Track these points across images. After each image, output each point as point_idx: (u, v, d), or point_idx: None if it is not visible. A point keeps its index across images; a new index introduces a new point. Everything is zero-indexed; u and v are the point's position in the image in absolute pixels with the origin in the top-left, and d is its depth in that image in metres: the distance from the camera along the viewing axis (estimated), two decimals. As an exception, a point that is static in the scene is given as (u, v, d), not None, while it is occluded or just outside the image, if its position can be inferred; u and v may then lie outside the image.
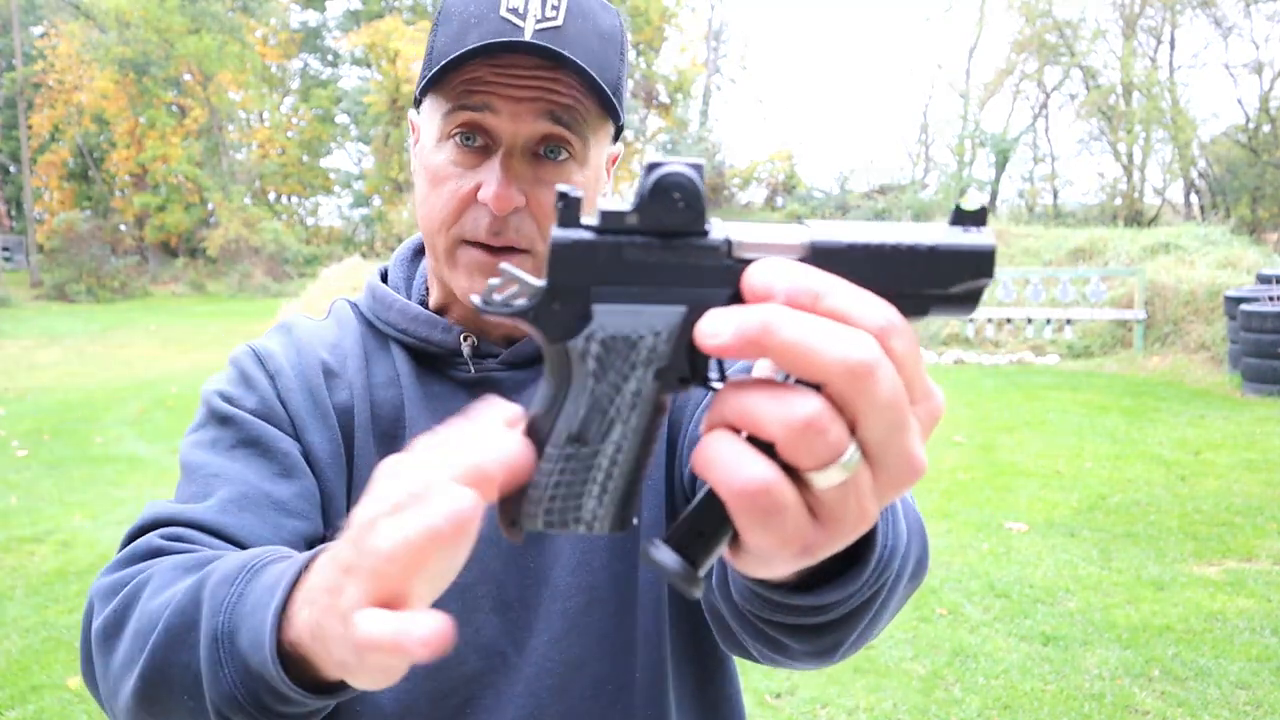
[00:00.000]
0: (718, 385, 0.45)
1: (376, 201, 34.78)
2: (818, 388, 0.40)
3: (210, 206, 32.35)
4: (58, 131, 33.60)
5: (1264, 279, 9.98)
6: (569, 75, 0.81)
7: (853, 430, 0.41)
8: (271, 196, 36.57)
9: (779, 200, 32.45)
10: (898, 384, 0.40)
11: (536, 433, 0.46)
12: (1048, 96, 30.01)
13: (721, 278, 0.44)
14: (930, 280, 0.45)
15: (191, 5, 31.05)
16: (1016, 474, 6.46)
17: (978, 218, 0.46)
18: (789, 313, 0.40)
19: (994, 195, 29.38)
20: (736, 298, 0.43)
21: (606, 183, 0.95)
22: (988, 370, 11.28)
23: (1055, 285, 12.14)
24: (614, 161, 0.95)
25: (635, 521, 0.47)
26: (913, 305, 0.45)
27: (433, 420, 0.90)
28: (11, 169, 35.90)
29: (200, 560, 0.71)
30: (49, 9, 33.84)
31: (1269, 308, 8.71)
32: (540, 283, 0.44)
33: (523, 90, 0.81)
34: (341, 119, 37.44)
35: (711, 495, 0.44)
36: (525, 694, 0.87)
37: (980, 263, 0.45)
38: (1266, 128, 26.07)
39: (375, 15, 35.13)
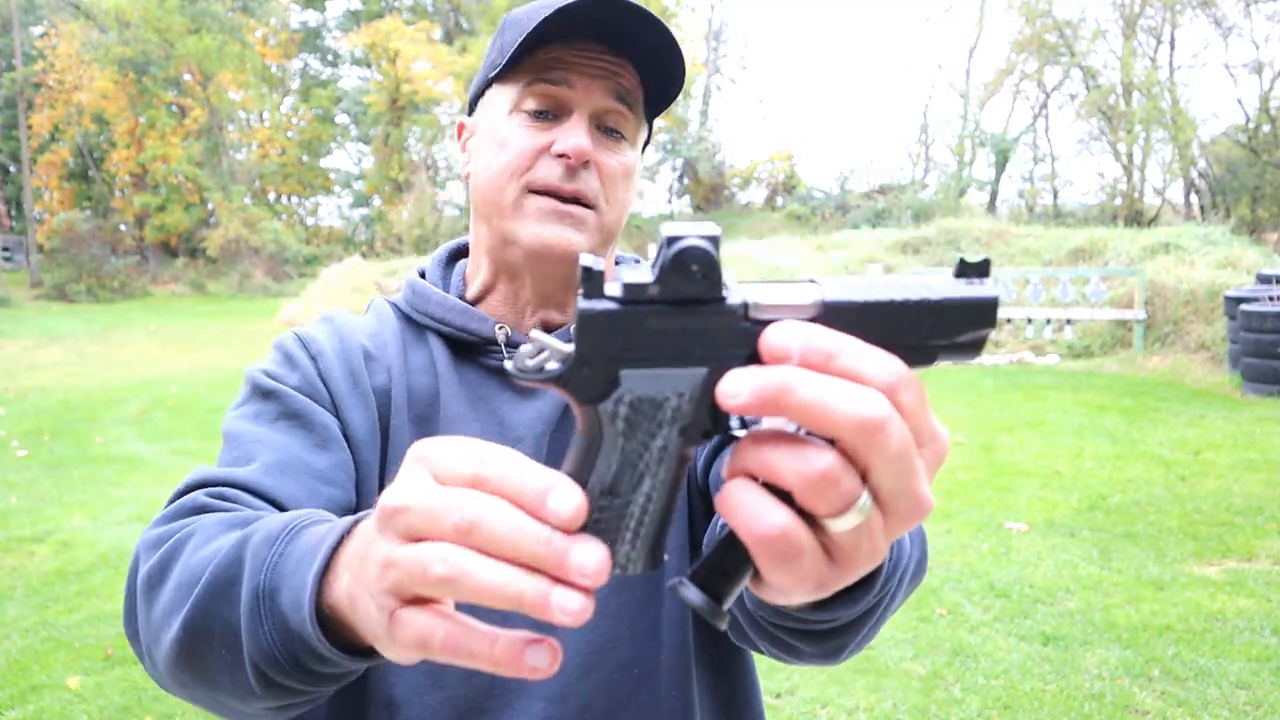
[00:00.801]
0: (740, 434, 0.48)
1: (376, 201, 34.79)
2: (831, 440, 0.43)
3: (210, 206, 32.36)
4: (58, 131, 33.61)
5: (1264, 279, 9.97)
6: (627, 64, 0.93)
7: (864, 478, 0.43)
8: (271, 196, 36.58)
9: (779, 200, 32.45)
10: (906, 435, 0.43)
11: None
12: (1048, 96, 30.02)
13: (739, 340, 0.46)
14: (937, 332, 0.48)
15: (191, 5, 31.05)
16: (1016, 474, 6.46)
17: (981, 270, 0.49)
18: (804, 374, 0.42)
19: (994, 195, 29.38)
20: (754, 357, 0.45)
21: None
22: (988, 370, 11.28)
23: (1055, 285, 12.14)
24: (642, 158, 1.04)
25: (665, 558, 0.50)
26: (920, 356, 0.48)
27: (466, 404, 0.95)
28: (11, 169, 35.91)
29: (243, 519, 0.73)
30: (49, 9, 33.83)
31: (1269, 308, 8.71)
32: (569, 349, 0.47)
33: (595, 68, 0.91)
34: (341, 119, 37.46)
35: (733, 537, 0.47)
36: (554, 674, 0.89)
37: (984, 313, 0.48)
38: (1266, 128, 26.07)
39: (375, 15, 35.15)
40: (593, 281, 0.46)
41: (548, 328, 0.98)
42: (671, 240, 0.45)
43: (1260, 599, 4.26)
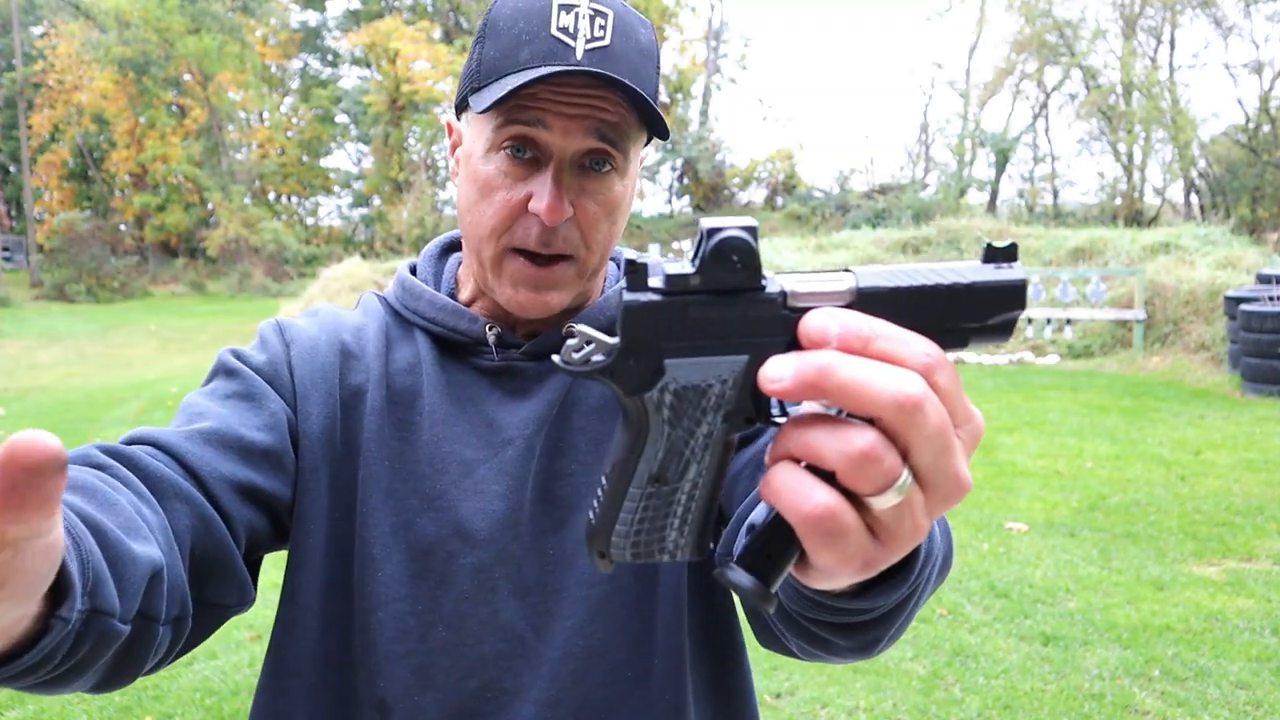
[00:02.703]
0: (780, 420, 0.49)
1: (376, 201, 34.77)
2: (871, 421, 0.44)
3: (210, 206, 32.34)
4: (58, 131, 33.60)
5: (1264, 279, 9.97)
6: (615, 93, 0.85)
7: (904, 457, 0.44)
8: (271, 196, 36.55)
9: (779, 200, 32.45)
10: (943, 414, 0.44)
11: (619, 475, 0.50)
12: (1048, 96, 30.02)
13: (778, 327, 0.48)
14: (969, 315, 0.49)
15: (191, 5, 31.03)
16: (1016, 474, 6.46)
17: (1008, 254, 0.50)
18: (843, 357, 0.44)
19: (994, 195, 29.37)
20: (793, 344, 0.47)
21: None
22: (988, 370, 11.27)
23: (1055, 285, 12.14)
24: (641, 162, 0.99)
25: (712, 547, 0.50)
26: (954, 339, 0.49)
27: (451, 404, 0.93)
28: (11, 169, 35.90)
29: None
30: (49, 9, 33.83)
31: (1269, 308, 8.71)
32: (614, 341, 0.48)
33: (574, 108, 0.85)
34: (341, 119, 37.43)
35: (779, 520, 0.48)
36: (548, 677, 0.88)
37: (1014, 296, 0.49)
38: (1266, 128, 26.07)
39: (375, 15, 35.11)
40: (636, 274, 0.48)
41: (535, 333, 0.97)
42: (711, 232, 0.47)
43: (1260, 599, 4.26)
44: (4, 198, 35.86)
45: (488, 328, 0.94)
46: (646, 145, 0.97)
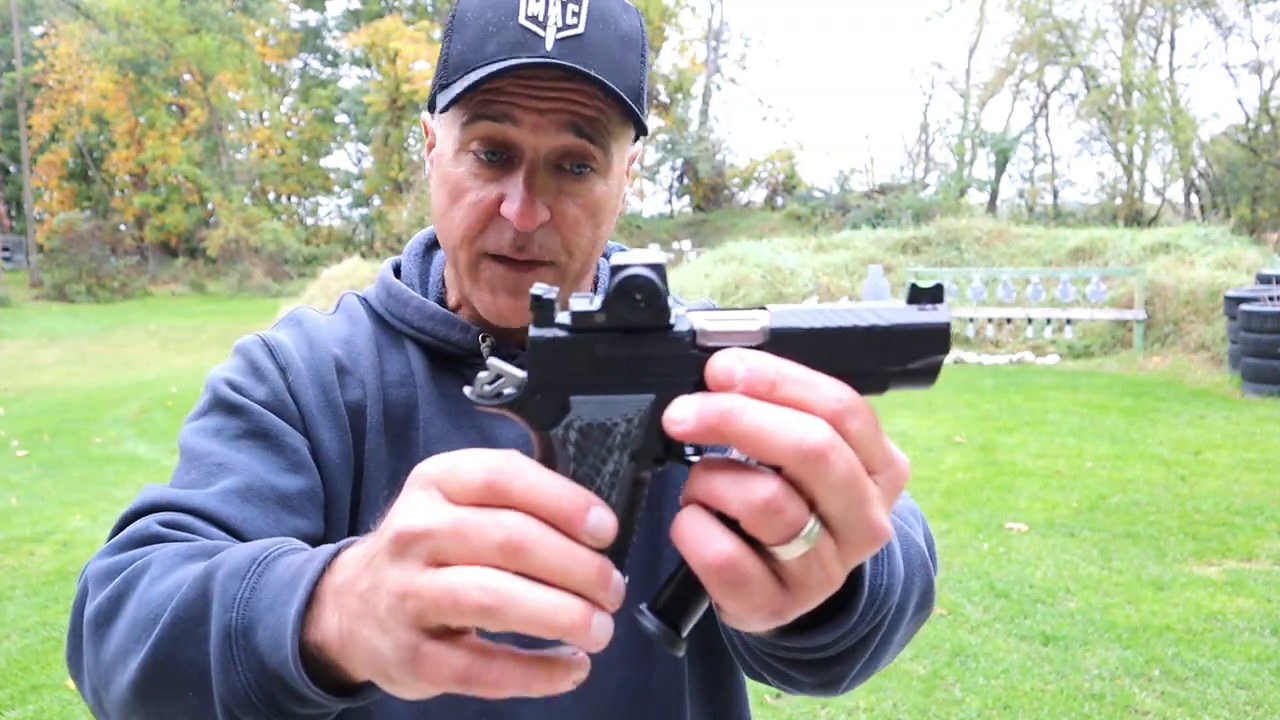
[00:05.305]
0: (694, 459, 0.48)
1: (376, 201, 34.78)
2: (778, 468, 0.43)
3: (210, 206, 32.35)
4: (58, 131, 33.59)
5: (1264, 279, 9.98)
6: (591, 85, 0.78)
7: (812, 506, 0.43)
8: (271, 196, 36.56)
9: (779, 200, 32.44)
10: (853, 462, 0.43)
11: None
12: (1048, 96, 30.03)
13: (687, 366, 0.47)
14: (888, 359, 0.47)
15: (191, 5, 31.02)
16: (1016, 474, 6.46)
17: (934, 295, 0.48)
18: (746, 402, 0.42)
19: (994, 195, 29.38)
20: (702, 384, 0.45)
21: (628, 183, 0.93)
22: (988, 370, 11.27)
23: (1055, 285, 12.14)
24: (633, 160, 0.93)
25: (625, 579, 0.49)
26: (872, 383, 0.47)
27: (447, 421, 0.88)
28: (11, 169, 35.89)
29: (203, 549, 0.67)
30: (49, 9, 33.84)
31: (1269, 308, 8.70)
32: (522, 375, 0.48)
33: (545, 102, 0.79)
34: (341, 119, 37.44)
35: (688, 566, 0.47)
36: (545, 700, 0.84)
37: (936, 340, 0.47)
38: (1266, 128, 26.07)
39: (375, 15, 35.13)
40: (543, 310, 0.47)
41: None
42: (615, 270, 0.46)
43: (1260, 599, 4.26)
44: (4, 198, 35.86)
45: (481, 338, 0.89)
46: (636, 141, 0.91)
